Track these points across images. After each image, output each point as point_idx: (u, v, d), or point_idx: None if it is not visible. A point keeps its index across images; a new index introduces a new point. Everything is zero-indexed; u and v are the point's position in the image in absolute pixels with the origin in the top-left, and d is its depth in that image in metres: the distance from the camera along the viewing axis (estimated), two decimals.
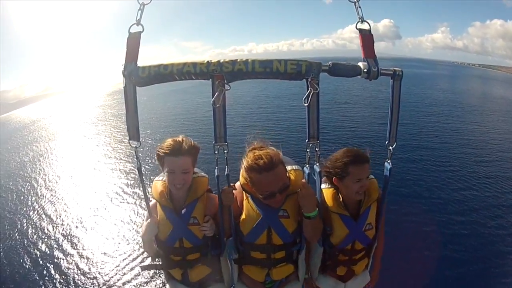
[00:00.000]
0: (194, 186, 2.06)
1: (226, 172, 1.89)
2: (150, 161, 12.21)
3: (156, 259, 2.17)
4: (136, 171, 1.97)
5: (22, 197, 13.70)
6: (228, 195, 1.92)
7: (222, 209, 1.97)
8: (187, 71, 1.73)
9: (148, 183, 2.31)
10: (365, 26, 1.80)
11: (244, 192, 2.05)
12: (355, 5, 1.78)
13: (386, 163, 2.01)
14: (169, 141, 1.94)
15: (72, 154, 19.22)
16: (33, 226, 11.08)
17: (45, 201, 12.94)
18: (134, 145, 1.89)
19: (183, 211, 2.03)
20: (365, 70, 1.78)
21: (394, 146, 1.96)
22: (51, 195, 13.56)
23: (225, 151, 1.86)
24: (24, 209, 12.49)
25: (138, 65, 1.77)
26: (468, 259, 7.44)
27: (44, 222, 11.24)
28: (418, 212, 9.23)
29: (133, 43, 1.77)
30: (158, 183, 2.10)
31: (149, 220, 2.03)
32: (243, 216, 2.03)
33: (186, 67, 1.73)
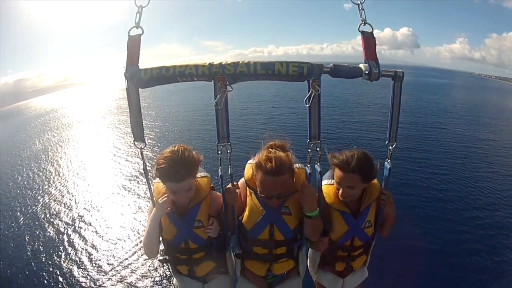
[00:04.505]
0: (196, 188, 2.01)
1: (229, 172, 1.91)
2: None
3: (163, 255, 2.19)
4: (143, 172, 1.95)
5: (36, 181, 14.44)
6: (232, 194, 1.95)
7: (226, 207, 2.00)
8: (189, 73, 1.73)
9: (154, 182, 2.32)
10: (367, 28, 1.80)
11: (248, 188, 2.07)
12: (358, 7, 1.78)
13: (386, 163, 2.03)
14: (166, 162, 1.79)
15: (89, 144, 19.84)
16: (44, 208, 11.70)
17: (56, 187, 13.55)
18: (140, 146, 1.89)
19: (187, 215, 2.02)
20: (366, 71, 1.79)
21: (394, 146, 1.98)
22: (64, 181, 14.17)
23: (228, 151, 1.86)
24: (36, 192, 13.20)
25: (140, 67, 1.76)
26: (465, 260, 7.65)
27: (54, 206, 11.81)
28: (416, 212, 9.47)
29: (134, 46, 1.76)
30: (160, 185, 2.01)
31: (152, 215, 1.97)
32: (247, 212, 2.05)
33: (188, 70, 1.73)
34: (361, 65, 1.82)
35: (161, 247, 2.13)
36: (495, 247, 8.04)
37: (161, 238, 2.09)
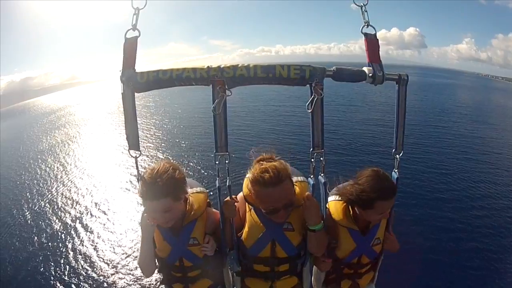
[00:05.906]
0: (190, 205, 1.91)
1: (228, 183, 1.80)
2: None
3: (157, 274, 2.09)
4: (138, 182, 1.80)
5: (43, 178, 14.74)
6: (230, 207, 1.84)
7: (224, 221, 1.90)
8: (186, 76, 1.67)
9: None
10: (370, 30, 1.75)
11: (246, 204, 1.95)
12: (361, 9, 1.72)
13: (393, 173, 1.92)
14: (145, 179, 1.70)
15: (96, 142, 20.13)
16: (51, 202, 11.98)
17: (62, 183, 13.82)
18: (135, 155, 1.81)
19: (181, 232, 1.90)
20: (370, 75, 1.73)
21: (401, 154, 1.88)
22: (71, 178, 14.40)
23: (227, 161, 1.77)
24: (43, 188, 13.46)
25: (136, 70, 1.71)
26: (473, 267, 7.49)
27: (60, 200, 12.05)
28: (419, 212, 9.35)
29: (130, 49, 1.71)
30: None
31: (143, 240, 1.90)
32: (246, 228, 1.93)
33: (186, 73, 1.67)
34: (365, 68, 1.76)
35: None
36: None
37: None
